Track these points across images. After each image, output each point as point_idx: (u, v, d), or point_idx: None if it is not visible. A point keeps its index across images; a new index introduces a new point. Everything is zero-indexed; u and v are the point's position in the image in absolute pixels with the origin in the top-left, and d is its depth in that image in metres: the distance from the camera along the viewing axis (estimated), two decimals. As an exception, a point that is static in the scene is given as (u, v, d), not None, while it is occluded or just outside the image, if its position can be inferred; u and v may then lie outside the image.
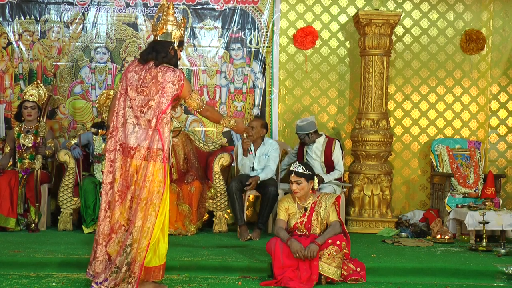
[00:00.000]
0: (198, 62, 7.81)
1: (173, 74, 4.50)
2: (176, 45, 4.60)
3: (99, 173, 6.89)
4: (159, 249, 4.52)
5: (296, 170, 5.14)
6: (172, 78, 4.48)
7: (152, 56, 4.54)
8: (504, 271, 5.26)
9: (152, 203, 4.41)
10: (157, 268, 4.53)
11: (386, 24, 7.35)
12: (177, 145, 7.05)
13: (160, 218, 4.46)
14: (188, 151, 7.11)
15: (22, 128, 7.04)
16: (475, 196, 7.18)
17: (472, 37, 7.94)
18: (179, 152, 7.04)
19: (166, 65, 4.53)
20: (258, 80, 7.84)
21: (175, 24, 4.59)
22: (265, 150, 7.01)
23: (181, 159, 7.04)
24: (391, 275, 5.27)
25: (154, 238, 4.44)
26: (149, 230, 4.39)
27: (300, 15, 7.92)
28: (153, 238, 4.43)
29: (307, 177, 5.14)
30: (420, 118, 8.03)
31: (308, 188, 5.17)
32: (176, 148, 7.04)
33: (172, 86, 4.47)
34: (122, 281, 4.35)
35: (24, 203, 6.76)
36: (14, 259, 5.20)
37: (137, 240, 4.38)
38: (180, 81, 4.49)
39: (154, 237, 4.44)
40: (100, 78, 7.75)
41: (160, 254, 4.53)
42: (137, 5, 7.75)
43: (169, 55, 4.56)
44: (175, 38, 4.59)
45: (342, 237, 5.07)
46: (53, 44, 7.71)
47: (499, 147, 8.05)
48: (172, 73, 4.50)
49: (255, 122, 7.13)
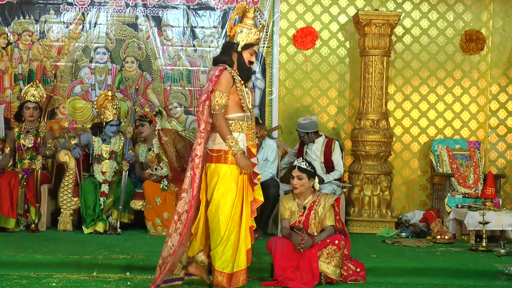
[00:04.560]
0: (198, 62, 7.81)
1: (213, 72, 4.57)
2: (241, 46, 4.60)
3: (99, 174, 6.89)
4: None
5: (300, 165, 5.18)
6: (210, 75, 4.58)
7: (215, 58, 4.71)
8: (504, 271, 5.27)
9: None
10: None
11: (386, 24, 7.35)
12: (167, 144, 7.05)
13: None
14: (179, 148, 7.11)
15: (22, 129, 7.03)
16: (475, 196, 7.18)
17: (472, 37, 7.94)
18: (170, 150, 7.04)
19: (220, 64, 4.59)
20: (258, 80, 7.84)
21: (244, 26, 4.60)
22: (264, 155, 6.99)
23: (173, 157, 7.04)
24: (391, 275, 5.27)
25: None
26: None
27: (300, 15, 7.92)
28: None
29: (309, 174, 5.17)
30: (420, 118, 8.03)
31: (308, 185, 5.18)
32: (166, 146, 7.04)
33: (209, 83, 4.57)
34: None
35: (24, 204, 6.75)
36: (14, 259, 5.21)
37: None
38: (213, 76, 4.55)
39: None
40: (100, 78, 7.74)
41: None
42: (137, 5, 7.75)
43: (225, 56, 4.61)
44: (240, 39, 4.59)
45: (340, 237, 5.08)
46: (52, 44, 7.71)
47: (499, 147, 8.05)
48: (212, 71, 4.58)
49: None
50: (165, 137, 7.07)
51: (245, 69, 4.63)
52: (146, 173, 6.97)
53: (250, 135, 4.63)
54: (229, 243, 4.52)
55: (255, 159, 4.60)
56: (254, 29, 4.61)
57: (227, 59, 4.62)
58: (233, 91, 4.58)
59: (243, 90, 4.61)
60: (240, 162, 4.49)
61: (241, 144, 4.54)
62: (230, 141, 4.48)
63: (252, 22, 4.62)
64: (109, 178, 6.88)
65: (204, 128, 4.57)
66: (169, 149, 7.04)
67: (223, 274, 4.55)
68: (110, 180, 6.87)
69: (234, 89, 4.58)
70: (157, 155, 7.00)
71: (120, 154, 6.97)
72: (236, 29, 4.62)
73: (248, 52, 4.63)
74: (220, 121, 4.51)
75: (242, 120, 4.59)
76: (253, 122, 4.70)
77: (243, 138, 4.59)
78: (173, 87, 7.77)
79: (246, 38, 4.59)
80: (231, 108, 4.59)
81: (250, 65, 4.66)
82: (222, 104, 4.50)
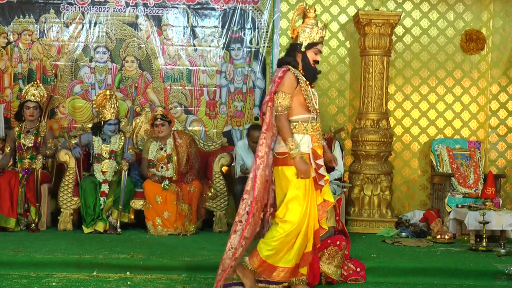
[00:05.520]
0: (198, 62, 7.81)
1: (276, 73, 4.52)
2: (304, 46, 4.55)
3: (99, 173, 6.89)
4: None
5: None
6: (274, 76, 4.53)
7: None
8: (504, 271, 5.27)
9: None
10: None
11: (386, 24, 7.35)
12: (181, 147, 7.04)
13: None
14: (192, 153, 7.10)
15: (23, 128, 7.03)
16: (475, 196, 7.18)
17: (472, 37, 7.94)
18: (182, 154, 7.03)
19: (284, 66, 4.54)
20: (258, 80, 7.84)
21: (306, 26, 4.56)
22: None
23: (183, 161, 7.03)
24: (391, 275, 5.27)
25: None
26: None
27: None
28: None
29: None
30: (420, 118, 8.03)
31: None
32: (180, 149, 7.03)
33: (272, 85, 4.50)
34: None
35: (24, 203, 6.75)
36: (14, 259, 5.20)
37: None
38: (276, 77, 4.49)
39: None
40: (100, 77, 7.74)
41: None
42: (137, 4, 7.74)
43: (289, 57, 4.56)
44: (303, 39, 4.55)
45: (341, 237, 5.09)
46: (52, 44, 7.70)
47: (499, 147, 8.04)
48: (276, 72, 4.54)
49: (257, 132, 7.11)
50: (180, 140, 7.06)
51: (310, 69, 4.56)
52: (149, 171, 6.96)
53: (316, 137, 4.53)
54: (288, 246, 4.41)
55: (321, 161, 4.50)
56: (316, 28, 4.55)
57: (291, 59, 4.55)
58: (297, 92, 4.48)
59: (308, 91, 4.51)
60: (298, 166, 4.36)
61: (305, 146, 4.45)
62: (290, 144, 4.37)
63: (313, 21, 4.56)
64: (109, 178, 6.87)
65: (267, 129, 4.48)
66: (182, 152, 7.03)
67: (261, 260, 4.43)
68: (110, 180, 6.87)
69: (298, 89, 4.48)
70: (168, 155, 6.98)
71: (120, 154, 6.96)
72: (298, 30, 4.57)
73: (312, 51, 4.57)
74: (282, 123, 4.42)
75: (306, 122, 4.49)
76: (319, 123, 4.59)
77: (308, 139, 4.48)
78: (173, 87, 7.77)
79: (309, 37, 4.54)
80: (296, 109, 4.49)
81: (315, 64, 4.60)
82: (285, 105, 4.41)
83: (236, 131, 7.82)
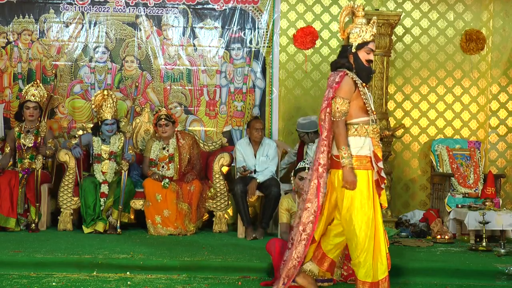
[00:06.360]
0: (198, 62, 7.80)
1: (333, 77, 4.44)
2: (355, 46, 4.48)
3: (99, 173, 6.89)
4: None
5: (310, 166, 5.12)
6: (330, 81, 4.44)
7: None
8: (504, 271, 5.26)
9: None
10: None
11: (386, 24, 7.35)
12: (184, 147, 7.05)
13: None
14: (194, 154, 7.11)
15: (23, 128, 7.03)
16: (475, 196, 7.17)
17: (472, 37, 7.94)
18: (184, 154, 7.03)
19: (340, 70, 4.46)
20: (258, 80, 7.84)
21: (356, 26, 4.49)
22: (264, 152, 7.03)
23: (185, 162, 7.03)
24: (391, 275, 5.22)
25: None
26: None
27: (300, 15, 7.91)
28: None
29: None
30: (420, 118, 8.03)
31: None
32: (182, 150, 7.03)
33: (329, 90, 4.41)
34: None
35: (24, 203, 6.75)
36: (14, 259, 5.20)
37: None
38: (334, 83, 4.40)
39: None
40: (100, 77, 7.74)
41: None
42: (137, 5, 7.74)
43: (342, 59, 4.49)
44: (353, 40, 4.48)
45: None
46: (52, 44, 7.70)
47: (499, 147, 8.05)
48: (332, 77, 4.45)
49: (260, 124, 7.15)
50: (183, 141, 7.07)
51: (363, 69, 4.48)
52: (150, 170, 6.96)
53: (375, 139, 4.47)
54: (369, 251, 4.37)
55: (381, 164, 4.45)
56: (365, 27, 4.49)
57: (345, 61, 4.49)
58: (356, 96, 4.42)
59: (366, 93, 4.46)
60: (347, 176, 4.30)
61: (367, 149, 4.40)
62: (343, 152, 4.31)
63: (362, 20, 4.50)
64: (109, 179, 6.87)
65: (327, 136, 4.43)
66: (184, 153, 7.04)
67: (366, 284, 4.39)
68: (110, 181, 6.86)
69: (357, 93, 4.42)
70: (170, 155, 6.99)
71: (120, 155, 6.96)
72: (348, 31, 4.51)
73: (364, 51, 4.49)
74: (339, 129, 4.36)
75: (367, 124, 4.43)
76: (378, 126, 4.55)
77: (369, 142, 4.42)
78: (173, 87, 7.77)
79: (359, 37, 4.48)
80: (356, 113, 4.43)
81: (368, 64, 4.51)
82: (343, 111, 4.36)
83: (236, 131, 7.82)
